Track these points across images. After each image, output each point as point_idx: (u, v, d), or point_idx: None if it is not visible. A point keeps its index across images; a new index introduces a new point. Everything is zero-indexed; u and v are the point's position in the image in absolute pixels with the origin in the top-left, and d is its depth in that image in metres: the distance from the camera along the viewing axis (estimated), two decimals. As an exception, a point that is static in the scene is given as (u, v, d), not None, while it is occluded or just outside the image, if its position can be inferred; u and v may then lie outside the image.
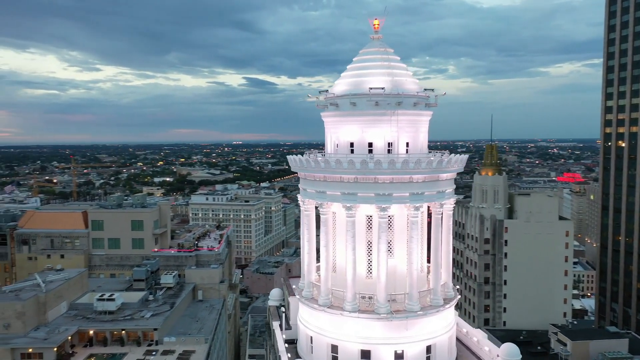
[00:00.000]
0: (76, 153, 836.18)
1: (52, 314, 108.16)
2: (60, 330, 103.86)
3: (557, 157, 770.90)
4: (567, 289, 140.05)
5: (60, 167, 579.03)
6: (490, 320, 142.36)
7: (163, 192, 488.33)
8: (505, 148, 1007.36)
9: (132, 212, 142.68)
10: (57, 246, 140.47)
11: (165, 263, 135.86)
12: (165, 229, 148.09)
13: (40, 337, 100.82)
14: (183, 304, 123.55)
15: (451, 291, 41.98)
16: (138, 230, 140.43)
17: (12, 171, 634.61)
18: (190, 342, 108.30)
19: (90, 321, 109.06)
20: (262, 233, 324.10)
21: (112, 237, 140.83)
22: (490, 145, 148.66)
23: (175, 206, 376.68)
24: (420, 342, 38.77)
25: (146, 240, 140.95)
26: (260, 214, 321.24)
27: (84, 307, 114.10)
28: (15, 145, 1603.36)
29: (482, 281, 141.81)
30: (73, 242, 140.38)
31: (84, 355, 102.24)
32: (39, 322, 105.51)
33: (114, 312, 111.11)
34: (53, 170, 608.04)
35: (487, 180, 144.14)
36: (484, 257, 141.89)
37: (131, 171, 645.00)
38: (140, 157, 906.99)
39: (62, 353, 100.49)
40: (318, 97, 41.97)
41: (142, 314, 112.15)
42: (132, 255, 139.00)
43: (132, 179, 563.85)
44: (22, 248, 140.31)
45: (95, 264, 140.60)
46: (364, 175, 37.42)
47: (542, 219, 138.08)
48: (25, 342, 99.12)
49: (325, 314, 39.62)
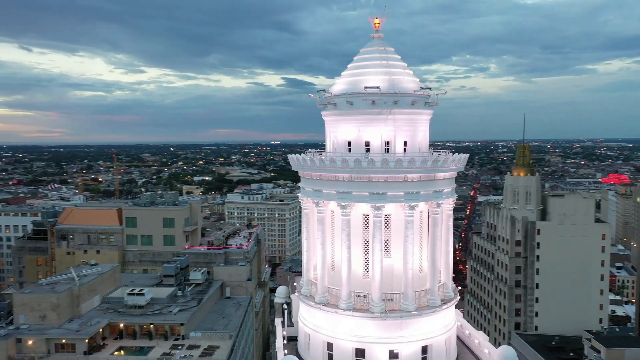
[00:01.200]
0: (120, 152, 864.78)
1: (85, 307, 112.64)
2: (92, 322, 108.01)
3: (604, 158, 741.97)
4: (603, 294, 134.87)
5: (104, 166, 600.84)
6: (521, 324, 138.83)
7: (202, 190, 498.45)
8: (548, 148, 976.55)
9: (164, 209, 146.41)
10: (93, 242, 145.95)
11: (195, 260, 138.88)
12: (196, 226, 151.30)
13: (73, 328, 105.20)
14: (210, 301, 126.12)
15: (450, 292, 41.45)
16: (169, 227, 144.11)
17: (61, 170, 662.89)
18: (215, 338, 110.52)
19: (121, 315, 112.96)
20: (296, 232, 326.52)
21: (145, 233, 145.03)
22: (522, 145, 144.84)
23: (212, 205, 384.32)
24: (415, 342, 38.54)
25: (177, 237, 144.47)
26: (294, 213, 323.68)
27: (115, 301, 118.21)
28: (64, 145, 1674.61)
29: (512, 284, 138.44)
30: (108, 238, 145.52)
31: (114, 347, 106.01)
32: (73, 314, 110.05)
33: (144, 306, 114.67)
34: (98, 169, 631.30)
35: (519, 180, 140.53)
36: (515, 260, 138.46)
37: (172, 170, 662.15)
38: (181, 156, 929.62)
39: (94, 345, 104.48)
40: (319, 96, 42.29)
41: (170, 309, 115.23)
42: (164, 251, 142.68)
43: (172, 177, 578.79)
44: (61, 243, 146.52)
45: (129, 260, 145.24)
46: (358, 174, 37.56)
47: (576, 222, 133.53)
48: (59, 333, 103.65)
49: (321, 311, 39.96)
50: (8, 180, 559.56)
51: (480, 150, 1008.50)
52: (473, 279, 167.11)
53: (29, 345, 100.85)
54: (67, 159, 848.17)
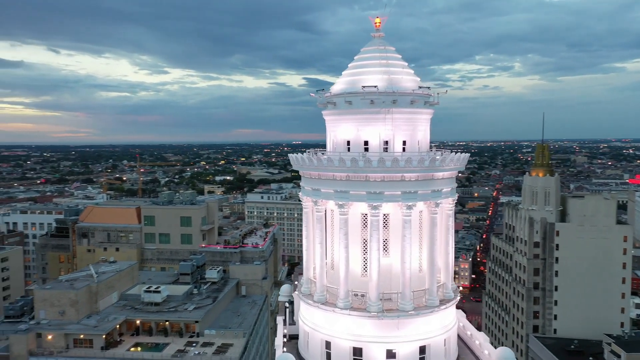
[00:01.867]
0: (144, 152, 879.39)
1: (103, 303, 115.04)
2: (110, 319, 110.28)
3: (632, 158, 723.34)
4: (624, 297, 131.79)
5: (127, 166, 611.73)
6: (539, 327, 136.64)
7: (223, 190, 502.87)
8: (574, 148, 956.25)
9: (181, 208, 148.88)
10: (113, 240, 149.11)
11: (211, 258, 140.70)
12: (213, 225, 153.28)
13: (91, 324, 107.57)
14: (226, 299, 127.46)
15: (450, 292, 41.16)
16: (187, 226, 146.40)
17: (87, 169, 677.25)
18: (229, 336, 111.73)
19: (138, 311, 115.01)
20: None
21: (163, 232, 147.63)
22: (541, 144, 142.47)
23: (232, 204, 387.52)
24: (412, 342, 38.39)
25: (194, 236, 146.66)
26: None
27: (133, 298, 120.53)
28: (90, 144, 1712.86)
29: (531, 286, 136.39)
30: (127, 236, 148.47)
31: (130, 343, 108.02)
32: (91, 310, 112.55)
33: (160, 303, 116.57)
34: (123, 169, 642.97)
35: (538, 181, 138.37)
36: (533, 262, 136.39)
37: (194, 170, 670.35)
38: (204, 156, 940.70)
39: (111, 340, 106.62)
40: (319, 95, 42.49)
41: (186, 306, 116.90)
42: (181, 250, 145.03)
43: (195, 177, 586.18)
44: (82, 241, 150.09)
45: (147, 258, 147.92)
46: (355, 173, 37.65)
47: (597, 223, 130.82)
48: (78, 328, 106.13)
49: (319, 310, 40.15)
50: (36, 179, 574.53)
51: (504, 151, 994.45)
52: (491, 281, 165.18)
53: (49, 340, 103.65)
54: (93, 158, 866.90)
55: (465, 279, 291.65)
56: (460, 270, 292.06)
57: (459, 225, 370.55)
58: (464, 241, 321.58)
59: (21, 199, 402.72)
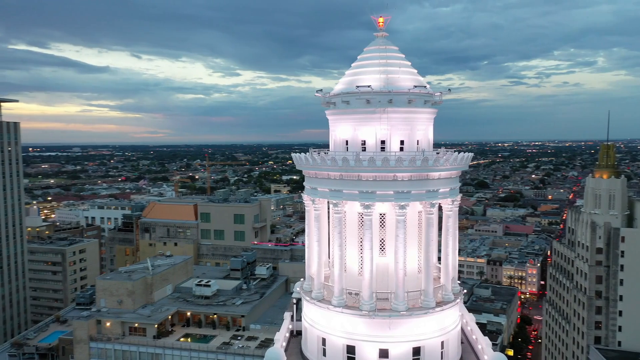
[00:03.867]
0: (216, 152, 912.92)
1: (158, 295, 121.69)
2: (162, 309, 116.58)
3: None
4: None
5: (198, 165, 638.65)
6: (602, 338, 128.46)
7: (289, 189, 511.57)
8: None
9: (235, 206, 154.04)
10: (172, 235, 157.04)
11: (262, 255, 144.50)
12: (265, 223, 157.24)
13: (145, 314, 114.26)
14: (274, 295, 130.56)
15: (450, 294, 40.31)
16: (240, 223, 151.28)
17: (163, 168, 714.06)
18: (273, 331, 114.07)
19: (189, 304, 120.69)
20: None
21: (218, 228, 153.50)
22: (605, 144, 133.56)
23: (295, 203, 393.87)
24: (405, 342, 38.08)
25: (247, 233, 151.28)
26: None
27: (185, 290, 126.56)
28: (168, 144, 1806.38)
29: (592, 295, 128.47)
30: (185, 232, 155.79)
31: (180, 334, 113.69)
32: (147, 300, 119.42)
33: (210, 297, 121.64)
34: (196, 168, 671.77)
35: (602, 183, 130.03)
36: (595, 269, 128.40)
37: (263, 169, 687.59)
38: (272, 156, 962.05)
39: (162, 330, 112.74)
40: (323, 95, 43.10)
41: (234, 301, 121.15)
42: (234, 246, 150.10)
43: (262, 176, 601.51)
44: (144, 235, 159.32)
45: (203, 253, 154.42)
46: (347, 172, 37.95)
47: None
48: (133, 317, 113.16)
49: (315, 307, 40.79)
50: (117, 177, 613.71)
51: (584, 151, 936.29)
52: (552, 287, 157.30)
53: (107, 327, 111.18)
54: (169, 157, 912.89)
55: (533, 285, 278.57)
56: (528, 276, 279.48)
57: (528, 228, 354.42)
58: (532, 246, 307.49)
59: (103, 196, 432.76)
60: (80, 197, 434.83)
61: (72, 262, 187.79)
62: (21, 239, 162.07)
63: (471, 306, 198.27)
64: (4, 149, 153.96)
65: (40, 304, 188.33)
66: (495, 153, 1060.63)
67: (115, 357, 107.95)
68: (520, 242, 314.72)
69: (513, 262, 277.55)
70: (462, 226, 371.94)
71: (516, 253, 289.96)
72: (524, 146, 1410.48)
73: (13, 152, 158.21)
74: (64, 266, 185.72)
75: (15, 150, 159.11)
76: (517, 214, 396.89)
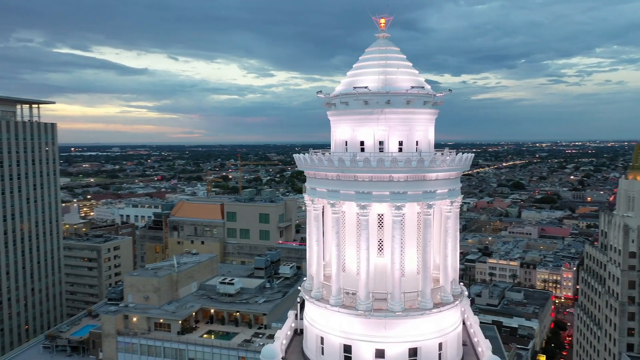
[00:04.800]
0: (249, 152, 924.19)
1: (183, 292, 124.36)
2: (187, 306, 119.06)
3: None
4: None
5: (230, 164, 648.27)
6: (635, 345, 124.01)
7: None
8: None
9: (260, 205, 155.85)
10: (199, 233, 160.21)
11: (287, 255, 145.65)
12: (290, 222, 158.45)
13: (170, 310, 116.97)
14: (296, 294, 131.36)
15: (449, 296, 40.01)
16: (265, 222, 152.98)
17: (197, 167, 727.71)
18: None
19: (213, 301, 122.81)
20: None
21: (243, 227, 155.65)
22: (639, 145, 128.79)
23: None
24: (401, 343, 38.09)
25: (271, 232, 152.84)
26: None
27: (210, 288, 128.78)
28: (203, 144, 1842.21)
29: (625, 300, 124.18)
30: (212, 230, 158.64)
31: (203, 330, 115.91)
32: (172, 297, 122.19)
33: (233, 295, 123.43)
34: (229, 167, 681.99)
35: (635, 185, 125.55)
36: (628, 273, 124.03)
37: (295, 169, 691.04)
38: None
39: (186, 326, 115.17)
40: (325, 95, 43.49)
41: (257, 299, 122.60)
42: (259, 245, 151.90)
43: (294, 176, 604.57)
44: (173, 233, 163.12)
45: (229, 252, 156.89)
46: (343, 173, 38.23)
47: None
48: (158, 313, 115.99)
49: (314, 305, 41.24)
50: (154, 177, 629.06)
51: (627, 152, 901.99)
52: (584, 292, 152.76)
53: (134, 322, 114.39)
54: (204, 157, 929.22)
55: (568, 290, 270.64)
56: (563, 280, 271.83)
57: (564, 231, 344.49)
58: (569, 249, 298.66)
59: (140, 194, 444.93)
60: (118, 195, 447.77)
61: (107, 258, 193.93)
62: (57, 235, 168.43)
63: (502, 309, 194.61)
64: (41, 149, 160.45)
65: (76, 298, 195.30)
66: (532, 153, 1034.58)
67: (141, 352, 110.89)
68: (555, 245, 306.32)
69: (548, 265, 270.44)
70: (496, 228, 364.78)
71: (551, 256, 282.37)
72: (563, 146, 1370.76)
73: (50, 152, 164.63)
74: (99, 262, 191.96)
75: (52, 150, 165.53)
76: (554, 216, 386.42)
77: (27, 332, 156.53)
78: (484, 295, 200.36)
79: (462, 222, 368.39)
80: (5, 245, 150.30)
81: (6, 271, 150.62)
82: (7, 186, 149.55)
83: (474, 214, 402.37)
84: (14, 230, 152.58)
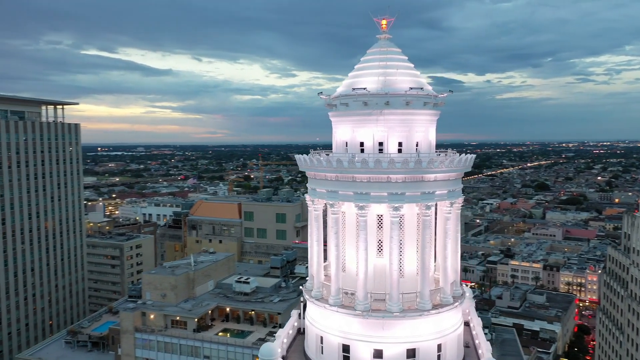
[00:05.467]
0: (272, 152, 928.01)
1: (200, 290, 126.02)
2: (203, 304, 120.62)
3: None
4: None
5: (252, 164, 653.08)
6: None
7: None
8: None
9: (277, 205, 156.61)
10: (217, 232, 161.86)
11: (303, 254, 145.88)
12: (306, 222, 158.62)
13: (186, 308, 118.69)
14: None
15: (449, 297, 39.85)
16: (282, 222, 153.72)
17: (220, 167, 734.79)
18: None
19: (229, 300, 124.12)
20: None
21: (260, 227, 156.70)
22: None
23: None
24: (399, 343, 38.11)
25: (288, 232, 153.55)
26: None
27: (226, 286, 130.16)
28: (226, 144, 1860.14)
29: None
30: (229, 229, 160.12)
31: (219, 328, 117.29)
32: (189, 295, 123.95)
33: (249, 294, 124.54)
34: (251, 167, 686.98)
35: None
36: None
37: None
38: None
39: (202, 324, 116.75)
40: (327, 96, 43.76)
41: (272, 298, 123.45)
42: (276, 244, 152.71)
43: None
44: (191, 232, 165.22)
45: (246, 251, 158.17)
46: (342, 174, 38.43)
47: None
48: (175, 310, 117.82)
49: (314, 305, 41.56)
50: (177, 176, 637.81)
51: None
52: (606, 295, 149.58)
53: (151, 319, 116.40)
54: (227, 157, 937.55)
55: (593, 293, 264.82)
56: (587, 283, 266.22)
57: (590, 233, 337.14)
58: (594, 251, 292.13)
59: (163, 193, 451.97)
60: (142, 194, 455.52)
61: (129, 256, 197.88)
62: (80, 233, 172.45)
63: (524, 312, 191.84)
64: (65, 149, 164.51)
65: (100, 295, 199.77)
66: (558, 154, 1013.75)
67: (158, 348, 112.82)
68: (580, 248, 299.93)
69: (572, 267, 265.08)
70: (519, 229, 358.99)
71: (575, 258, 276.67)
72: (590, 146, 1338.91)
73: (74, 152, 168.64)
74: (121, 260, 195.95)
75: (76, 150, 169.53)
76: (579, 218, 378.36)
77: (50, 327, 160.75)
78: (505, 298, 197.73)
79: (484, 222, 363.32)
80: (31, 242, 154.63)
81: (31, 268, 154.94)
82: (32, 185, 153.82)
83: (497, 215, 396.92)
84: (39, 228, 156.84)
